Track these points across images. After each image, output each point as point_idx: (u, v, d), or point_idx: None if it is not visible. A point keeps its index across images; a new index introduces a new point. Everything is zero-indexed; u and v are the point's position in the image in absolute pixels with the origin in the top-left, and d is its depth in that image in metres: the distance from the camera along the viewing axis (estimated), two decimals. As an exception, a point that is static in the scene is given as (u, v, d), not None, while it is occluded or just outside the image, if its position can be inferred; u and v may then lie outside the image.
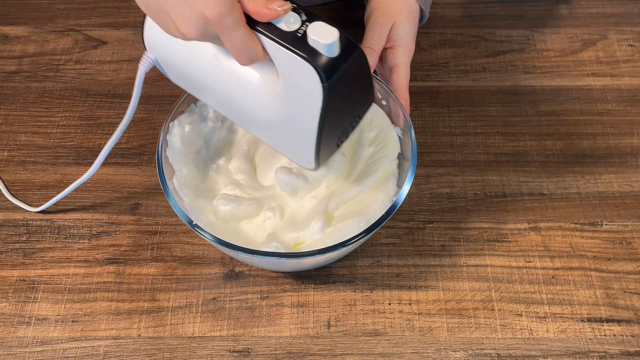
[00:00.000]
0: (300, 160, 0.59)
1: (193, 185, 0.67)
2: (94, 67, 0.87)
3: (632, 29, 0.91)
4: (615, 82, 0.85)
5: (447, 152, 0.78)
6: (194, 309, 0.66)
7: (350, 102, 0.55)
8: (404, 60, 0.71)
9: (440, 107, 0.82)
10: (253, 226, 0.66)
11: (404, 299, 0.67)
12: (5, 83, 0.85)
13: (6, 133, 0.80)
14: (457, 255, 0.70)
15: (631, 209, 0.73)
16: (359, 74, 0.52)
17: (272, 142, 0.60)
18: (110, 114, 0.82)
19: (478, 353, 0.64)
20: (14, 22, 0.92)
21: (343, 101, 0.53)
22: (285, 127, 0.56)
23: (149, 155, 0.78)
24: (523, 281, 0.68)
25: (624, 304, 0.67)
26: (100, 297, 0.67)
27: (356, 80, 0.52)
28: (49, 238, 0.71)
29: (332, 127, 0.54)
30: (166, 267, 0.69)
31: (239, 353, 0.64)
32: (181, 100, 0.67)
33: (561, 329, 0.65)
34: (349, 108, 0.55)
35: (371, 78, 0.56)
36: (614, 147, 0.78)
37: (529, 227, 0.72)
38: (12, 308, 0.67)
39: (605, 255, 0.70)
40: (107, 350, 0.64)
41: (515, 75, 0.86)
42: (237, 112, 0.60)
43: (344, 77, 0.50)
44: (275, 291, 0.68)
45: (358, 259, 0.70)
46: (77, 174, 0.76)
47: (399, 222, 0.72)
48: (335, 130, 0.55)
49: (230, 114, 0.61)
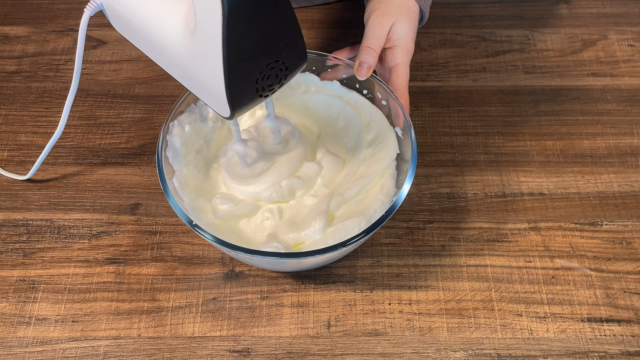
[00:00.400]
0: (216, 103, 0.55)
1: (193, 185, 0.67)
2: (94, 67, 0.87)
3: (632, 29, 0.91)
4: (615, 82, 0.85)
5: (447, 152, 0.78)
6: (194, 309, 0.66)
7: (265, 36, 0.51)
8: (403, 60, 0.71)
9: (440, 107, 0.82)
10: (252, 226, 0.66)
11: (404, 299, 0.67)
12: (5, 83, 0.85)
13: (6, 133, 0.80)
14: (457, 255, 0.70)
15: (631, 209, 0.73)
16: (271, 4, 0.50)
17: (192, 85, 0.58)
18: (110, 114, 0.82)
19: (478, 353, 0.64)
20: (14, 22, 0.92)
21: (252, 29, 0.50)
22: (196, 59, 0.53)
23: (149, 155, 0.78)
24: (523, 281, 0.68)
25: (624, 304, 0.67)
26: (100, 297, 0.67)
27: (270, 7, 0.50)
28: (49, 238, 0.71)
29: (242, 58, 0.51)
30: (166, 267, 0.69)
31: (239, 353, 0.64)
32: (181, 100, 0.67)
33: (561, 329, 0.65)
34: (265, 43, 0.52)
35: (291, 14, 0.52)
36: (614, 147, 0.78)
37: (529, 227, 0.72)
38: (12, 308, 0.67)
39: (605, 255, 0.70)
40: (107, 350, 0.64)
41: (515, 75, 0.86)
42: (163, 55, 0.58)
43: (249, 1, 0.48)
44: (275, 291, 0.68)
45: (358, 259, 0.70)
46: (77, 174, 0.76)
47: (399, 222, 0.72)
48: (249, 67, 0.52)
49: (161, 59, 0.59)
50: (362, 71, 0.69)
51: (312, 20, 0.92)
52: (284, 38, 0.53)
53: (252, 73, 0.53)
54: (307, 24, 0.91)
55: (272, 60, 0.53)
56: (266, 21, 0.50)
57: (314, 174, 0.68)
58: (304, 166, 0.68)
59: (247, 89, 0.54)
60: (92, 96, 0.84)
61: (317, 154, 0.71)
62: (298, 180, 0.67)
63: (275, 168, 0.67)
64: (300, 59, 0.56)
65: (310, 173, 0.67)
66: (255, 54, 0.52)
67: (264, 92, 0.55)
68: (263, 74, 0.53)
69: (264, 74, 0.53)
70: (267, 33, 0.51)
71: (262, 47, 0.52)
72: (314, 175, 0.68)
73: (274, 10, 0.51)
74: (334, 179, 0.68)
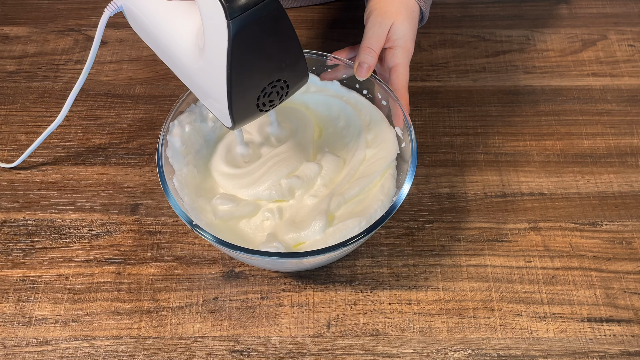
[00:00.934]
0: (219, 114, 0.58)
1: (193, 185, 0.67)
2: (94, 67, 0.87)
3: (632, 29, 0.91)
4: (615, 82, 0.85)
5: (447, 152, 0.78)
6: (194, 309, 0.66)
7: (268, 58, 0.54)
8: (402, 60, 0.71)
9: (440, 107, 0.82)
10: (252, 226, 0.66)
11: (404, 299, 0.67)
12: (5, 83, 0.85)
13: (6, 133, 0.80)
14: (457, 255, 0.70)
15: (631, 209, 0.73)
16: (274, 25, 0.52)
17: (199, 93, 0.61)
18: (110, 114, 0.82)
19: (478, 353, 0.64)
20: (14, 22, 0.92)
21: (255, 51, 0.53)
22: (203, 74, 0.56)
23: (149, 155, 0.78)
24: (523, 281, 0.68)
25: (624, 304, 0.67)
26: (101, 297, 0.67)
27: (272, 31, 0.52)
28: (49, 238, 0.71)
29: (244, 78, 0.54)
30: (166, 267, 0.69)
31: (239, 353, 0.64)
32: (181, 100, 0.67)
33: (561, 329, 0.65)
34: (267, 63, 0.54)
35: (293, 37, 0.55)
36: (614, 147, 0.78)
37: (529, 227, 0.72)
38: (12, 308, 0.67)
39: (605, 255, 0.70)
40: (107, 350, 0.64)
41: (515, 75, 0.86)
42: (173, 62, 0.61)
43: (254, 22, 0.50)
44: (275, 291, 0.68)
45: (358, 259, 0.70)
46: (77, 174, 0.76)
47: (399, 222, 0.72)
48: (251, 85, 0.55)
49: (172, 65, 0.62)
50: (362, 71, 0.69)
51: (312, 20, 0.92)
52: (286, 60, 0.55)
53: (254, 91, 0.55)
54: (307, 24, 0.91)
55: (274, 80, 0.56)
56: (269, 44, 0.53)
57: (314, 174, 0.68)
58: (303, 166, 0.68)
59: (248, 105, 0.56)
60: (92, 96, 0.84)
61: (317, 154, 0.71)
62: (297, 179, 0.67)
63: (274, 167, 0.67)
64: (301, 77, 0.58)
65: (309, 173, 0.67)
66: (257, 75, 0.55)
67: (265, 107, 0.58)
68: (265, 91, 0.56)
69: (266, 91, 0.56)
70: (270, 55, 0.54)
71: (265, 68, 0.55)
72: (313, 175, 0.68)
73: (276, 34, 0.53)
74: (334, 179, 0.68)
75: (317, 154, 0.71)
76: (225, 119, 0.58)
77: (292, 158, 0.68)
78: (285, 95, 0.58)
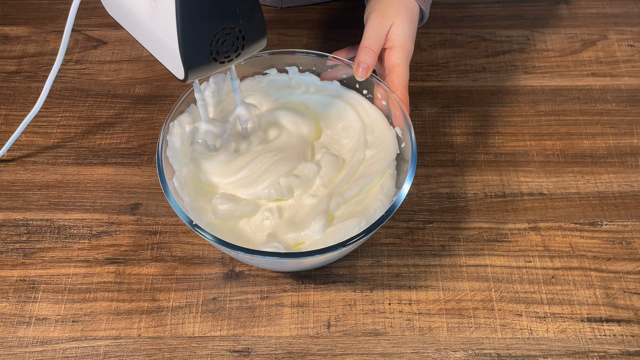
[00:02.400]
0: (172, 65, 0.57)
1: (193, 185, 0.67)
2: (94, 67, 0.87)
3: (632, 29, 0.91)
4: (615, 82, 0.85)
5: (447, 152, 0.78)
6: (194, 309, 0.67)
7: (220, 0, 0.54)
8: (402, 60, 0.71)
9: (440, 107, 0.82)
10: (252, 226, 0.66)
11: (404, 299, 0.67)
12: (5, 83, 0.85)
13: (6, 133, 0.80)
14: (457, 255, 0.70)
15: (631, 209, 0.73)
16: None
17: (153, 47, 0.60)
18: (110, 114, 0.82)
19: (478, 353, 0.64)
20: (14, 22, 0.92)
21: None
22: (156, 18, 0.56)
23: (149, 155, 0.78)
24: (523, 281, 0.68)
25: (624, 304, 0.67)
26: (101, 297, 0.67)
27: None
28: (49, 238, 0.71)
29: (195, 19, 0.53)
30: (166, 267, 0.69)
31: (239, 353, 0.64)
32: (181, 100, 0.67)
33: (561, 329, 0.65)
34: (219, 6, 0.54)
35: None
36: (613, 147, 0.78)
37: (528, 227, 0.72)
38: (12, 308, 0.67)
39: (605, 255, 0.70)
40: (107, 350, 0.64)
41: (515, 75, 0.86)
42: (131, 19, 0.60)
43: None
44: (275, 291, 0.68)
45: (358, 259, 0.70)
46: (77, 174, 0.76)
47: (399, 222, 0.72)
48: (202, 28, 0.54)
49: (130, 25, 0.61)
50: (360, 72, 0.69)
51: (312, 20, 0.92)
52: (240, 5, 0.55)
53: (206, 33, 0.54)
54: (307, 24, 0.91)
55: (228, 25, 0.55)
56: None
57: (312, 174, 0.68)
58: (301, 166, 0.68)
59: (200, 50, 0.55)
60: (92, 96, 0.84)
61: (316, 154, 0.71)
62: (296, 178, 0.67)
63: (273, 166, 0.67)
64: (258, 33, 0.57)
65: (308, 173, 0.67)
66: (209, 14, 0.54)
67: (219, 56, 0.56)
68: (218, 37, 0.55)
69: (219, 37, 0.55)
70: None
71: (217, 8, 0.54)
72: (312, 175, 0.68)
73: None
74: (333, 179, 0.68)
75: (317, 154, 0.71)
76: (178, 68, 0.56)
77: (290, 157, 0.68)
78: (242, 49, 0.57)
